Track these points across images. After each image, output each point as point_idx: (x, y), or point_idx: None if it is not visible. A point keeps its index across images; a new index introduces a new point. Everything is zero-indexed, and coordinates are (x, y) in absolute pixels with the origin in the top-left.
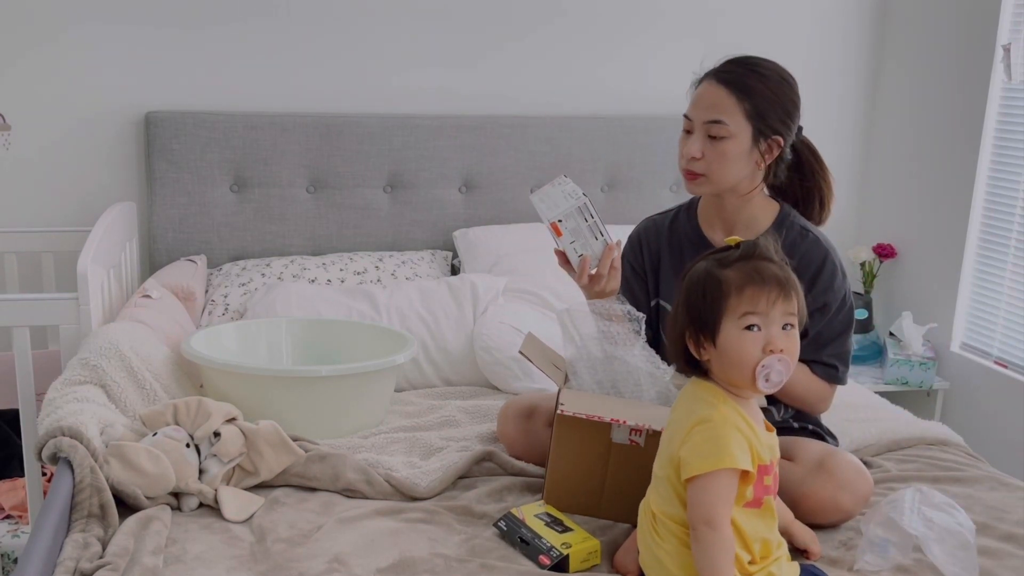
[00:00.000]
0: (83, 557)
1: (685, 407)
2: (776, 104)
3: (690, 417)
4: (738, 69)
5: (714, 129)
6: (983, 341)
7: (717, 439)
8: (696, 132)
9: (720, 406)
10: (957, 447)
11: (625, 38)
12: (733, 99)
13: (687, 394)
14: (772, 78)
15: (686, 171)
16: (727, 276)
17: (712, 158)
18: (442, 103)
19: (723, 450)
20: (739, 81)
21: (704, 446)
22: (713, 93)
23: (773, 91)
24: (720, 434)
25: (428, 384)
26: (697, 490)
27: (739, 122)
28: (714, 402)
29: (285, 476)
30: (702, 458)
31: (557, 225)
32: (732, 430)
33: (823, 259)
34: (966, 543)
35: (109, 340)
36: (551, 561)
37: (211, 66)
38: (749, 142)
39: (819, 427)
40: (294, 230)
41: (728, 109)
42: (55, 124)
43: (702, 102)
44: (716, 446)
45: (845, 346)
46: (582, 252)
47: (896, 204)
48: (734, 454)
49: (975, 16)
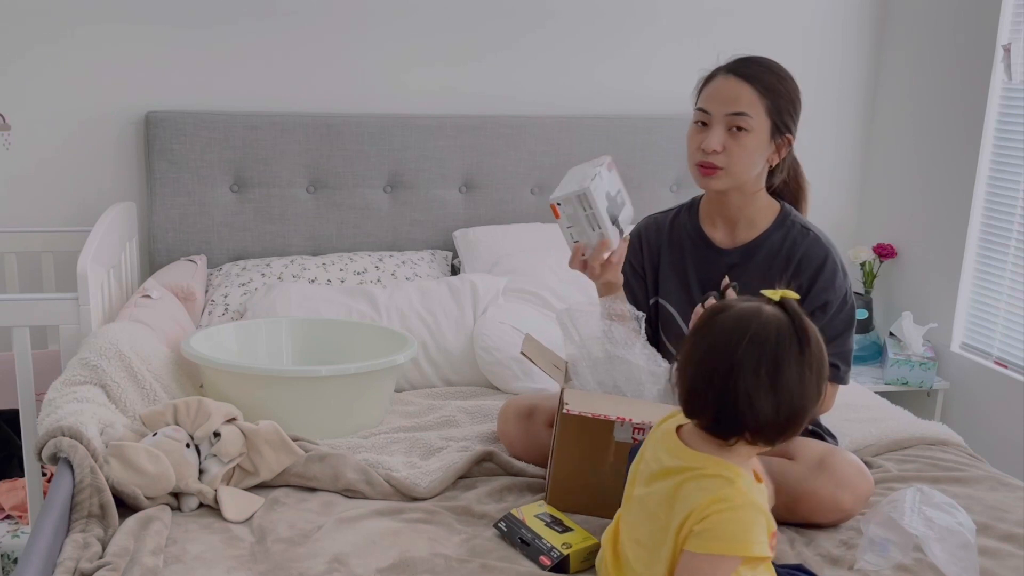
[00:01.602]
0: (83, 557)
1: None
2: (791, 103)
3: (703, 494)
4: (756, 67)
5: (739, 121)
6: (983, 341)
7: (744, 522)
8: (716, 125)
9: (738, 481)
10: (957, 447)
11: (625, 38)
12: (756, 94)
13: (688, 455)
14: (786, 78)
15: (702, 164)
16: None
17: (734, 151)
18: (442, 103)
19: (749, 536)
20: (760, 78)
21: (727, 528)
22: (735, 87)
23: (789, 91)
24: (745, 518)
25: (428, 384)
26: (703, 562)
27: (761, 117)
28: (731, 477)
29: (285, 476)
30: (722, 541)
31: (555, 207)
32: (758, 514)
33: (824, 257)
34: (966, 543)
35: (109, 340)
36: (552, 561)
37: (211, 66)
38: (767, 138)
39: (819, 427)
40: (294, 230)
41: (752, 103)
42: (55, 124)
43: (722, 95)
44: (743, 530)
45: (846, 345)
46: (577, 239)
47: (896, 204)
48: (762, 541)
49: (975, 16)
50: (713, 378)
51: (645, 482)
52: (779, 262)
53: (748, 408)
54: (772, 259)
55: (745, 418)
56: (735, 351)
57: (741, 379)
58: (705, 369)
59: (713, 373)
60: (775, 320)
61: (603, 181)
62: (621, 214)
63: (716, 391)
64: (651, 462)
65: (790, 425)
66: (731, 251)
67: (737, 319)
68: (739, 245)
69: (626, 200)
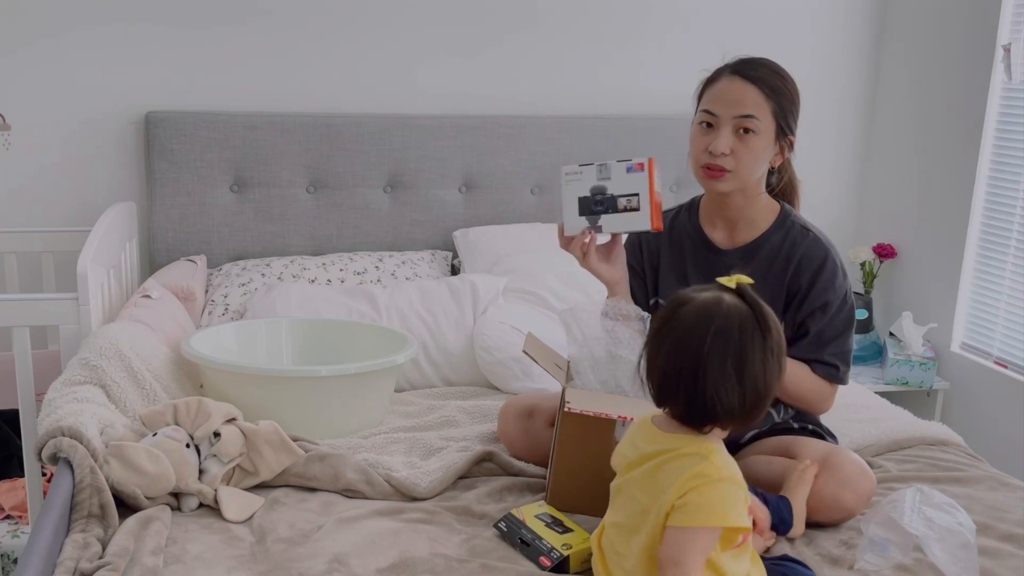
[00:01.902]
0: (83, 557)
1: (673, 459)
2: (793, 105)
3: (681, 472)
4: (761, 68)
5: (746, 123)
6: (983, 341)
7: (721, 495)
8: (723, 127)
9: (712, 456)
10: (957, 447)
11: (625, 38)
12: (763, 96)
13: (660, 437)
14: (788, 79)
15: (708, 167)
16: None
17: (741, 153)
18: (442, 103)
19: (727, 507)
20: (766, 80)
21: (706, 501)
22: (742, 89)
23: (791, 92)
24: (722, 490)
25: (428, 384)
26: (685, 535)
27: (767, 119)
28: (705, 453)
29: (285, 476)
30: (702, 513)
31: (562, 184)
32: (734, 486)
33: (824, 258)
34: (966, 543)
35: (109, 340)
36: (552, 562)
37: (211, 66)
38: (773, 139)
39: (819, 427)
40: (294, 230)
41: (759, 105)
42: (55, 124)
43: (729, 97)
44: (720, 502)
45: (846, 345)
46: (562, 221)
47: (896, 204)
48: (740, 512)
49: (975, 16)
50: (681, 374)
51: (623, 471)
52: (779, 263)
53: (717, 402)
54: (772, 260)
55: (715, 410)
56: (701, 347)
57: (709, 376)
58: (673, 366)
59: (681, 370)
60: (736, 310)
61: (586, 180)
62: (610, 214)
63: (686, 387)
64: (628, 452)
65: (756, 408)
66: (731, 252)
67: (699, 313)
68: (739, 246)
69: (636, 207)
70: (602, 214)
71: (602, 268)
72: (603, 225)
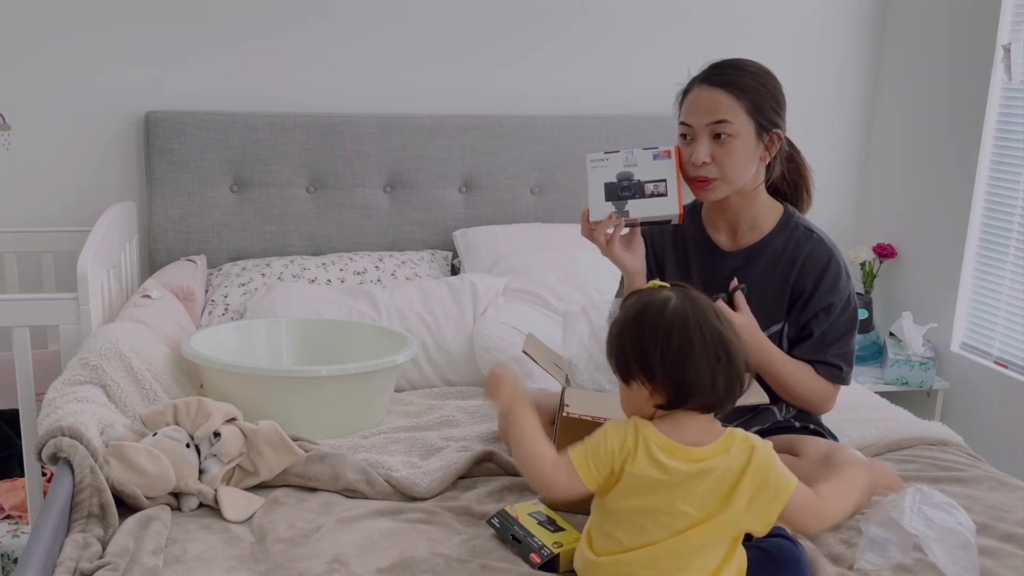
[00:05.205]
0: (83, 557)
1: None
2: (770, 98)
3: (741, 464)
4: (727, 71)
5: (721, 128)
6: (983, 341)
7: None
8: (700, 138)
9: (737, 434)
10: (957, 447)
11: (625, 38)
12: (732, 98)
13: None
14: (760, 74)
15: (695, 179)
16: None
17: (723, 159)
18: (442, 103)
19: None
20: (733, 81)
21: (774, 471)
22: (710, 97)
23: (764, 86)
24: (771, 454)
25: (428, 384)
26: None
27: (743, 119)
28: (734, 438)
29: (285, 476)
30: (783, 476)
31: (587, 171)
32: (766, 446)
33: (828, 259)
34: (967, 543)
35: (109, 340)
36: (541, 560)
37: (211, 66)
38: (754, 138)
39: (820, 426)
40: (294, 230)
41: (730, 108)
42: (55, 124)
43: (700, 106)
44: (777, 464)
45: (849, 346)
46: (587, 207)
47: (896, 204)
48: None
49: (975, 16)
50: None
51: (647, 491)
52: (783, 264)
53: (699, 389)
54: (776, 262)
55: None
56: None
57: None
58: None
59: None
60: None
61: (612, 166)
62: (637, 199)
63: (667, 378)
64: (650, 473)
65: (729, 394)
66: (735, 254)
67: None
68: (743, 248)
69: (664, 192)
70: (629, 199)
71: (624, 256)
72: (630, 210)
